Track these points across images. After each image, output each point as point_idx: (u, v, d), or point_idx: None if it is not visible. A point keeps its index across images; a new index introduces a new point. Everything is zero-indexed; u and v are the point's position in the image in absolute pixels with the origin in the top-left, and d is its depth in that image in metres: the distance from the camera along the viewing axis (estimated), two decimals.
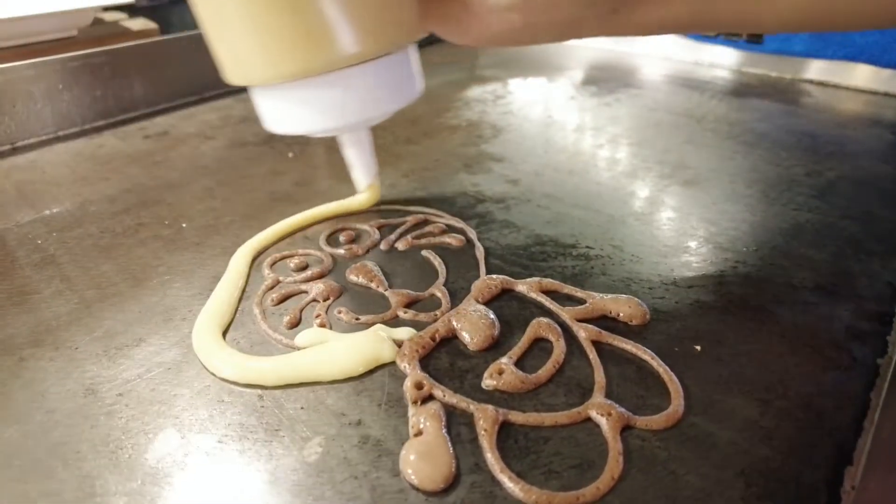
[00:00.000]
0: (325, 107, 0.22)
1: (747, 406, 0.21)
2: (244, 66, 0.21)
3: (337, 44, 0.20)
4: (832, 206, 0.35)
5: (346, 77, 0.21)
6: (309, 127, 0.23)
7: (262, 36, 0.20)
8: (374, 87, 0.22)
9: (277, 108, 0.23)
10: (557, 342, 0.23)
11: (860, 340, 0.24)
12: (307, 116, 0.22)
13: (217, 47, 0.22)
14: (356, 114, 0.23)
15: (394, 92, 0.23)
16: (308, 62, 0.20)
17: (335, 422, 0.21)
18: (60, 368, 0.23)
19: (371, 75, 0.22)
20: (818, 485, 0.19)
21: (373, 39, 0.21)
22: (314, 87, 0.21)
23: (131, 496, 0.18)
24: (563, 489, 0.18)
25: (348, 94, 0.22)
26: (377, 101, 0.23)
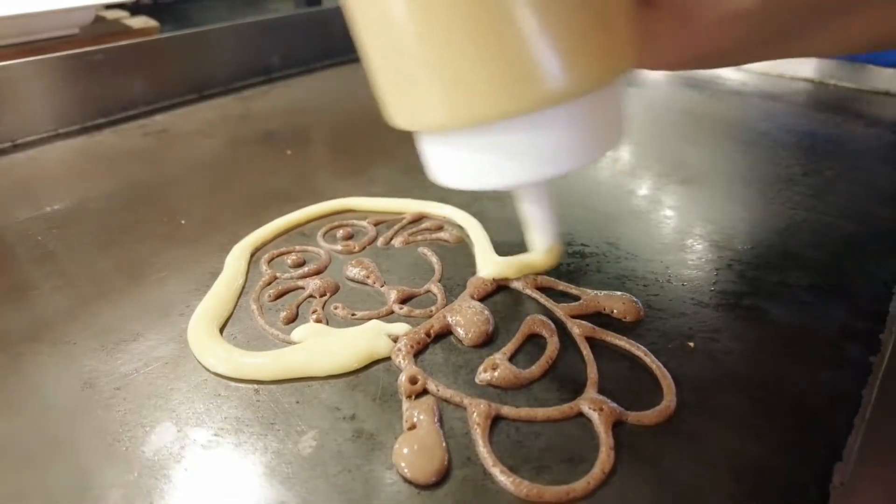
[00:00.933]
0: (521, 156, 0.17)
1: (739, 403, 0.21)
2: (424, 107, 0.16)
3: (548, 78, 0.15)
4: (830, 205, 0.35)
5: (553, 117, 0.16)
6: (498, 180, 0.18)
7: (451, 69, 0.15)
8: (584, 129, 0.17)
9: (457, 157, 0.18)
10: (551, 338, 0.23)
11: (854, 339, 0.24)
12: (497, 167, 0.17)
13: (386, 82, 0.17)
14: (561, 163, 0.17)
15: (604, 134, 0.18)
16: (510, 102, 0.15)
17: (329, 416, 0.21)
18: (58, 363, 0.24)
19: (584, 114, 0.17)
20: (808, 481, 0.19)
21: (594, 69, 0.16)
22: (509, 132, 0.16)
23: (128, 488, 0.19)
24: (554, 483, 0.18)
25: (553, 139, 0.17)
26: (587, 146, 0.17)
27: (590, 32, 0.15)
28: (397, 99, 0.17)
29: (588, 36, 0.15)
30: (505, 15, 0.14)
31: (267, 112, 0.52)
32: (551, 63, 0.15)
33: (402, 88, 0.17)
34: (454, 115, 0.16)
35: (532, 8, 0.14)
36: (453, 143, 0.17)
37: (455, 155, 0.18)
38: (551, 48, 0.15)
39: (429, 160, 0.19)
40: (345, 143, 0.45)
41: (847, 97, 0.55)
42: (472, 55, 0.15)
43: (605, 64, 0.16)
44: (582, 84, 0.16)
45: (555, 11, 0.15)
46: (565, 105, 0.16)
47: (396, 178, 0.39)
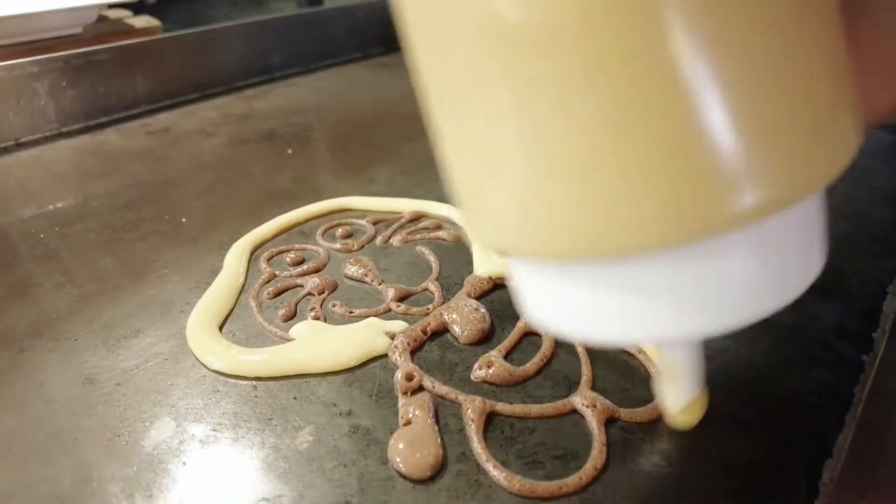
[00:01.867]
0: (679, 301, 0.11)
1: (731, 400, 0.21)
2: (550, 228, 0.11)
3: (740, 191, 0.10)
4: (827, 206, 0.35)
5: (735, 244, 0.11)
6: (653, 332, 0.12)
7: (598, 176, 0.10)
8: (776, 260, 0.12)
9: (581, 298, 0.12)
10: (546, 336, 0.24)
11: (847, 338, 0.25)
12: (643, 315, 0.12)
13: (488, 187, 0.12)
14: (738, 312, 0.12)
15: (800, 263, 0.12)
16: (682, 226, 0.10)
17: (326, 412, 0.21)
18: (60, 359, 0.24)
19: (786, 235, 0.11)
20: (798, 477, 0.19)
21: (803, 175, 0.10)
22: (664, 267, 0.11)
23: (127, 482, 0.19)
24: (547, 478, 0.18)
25: (732, 276, 0.11)
26: (778, 283, 0.12)
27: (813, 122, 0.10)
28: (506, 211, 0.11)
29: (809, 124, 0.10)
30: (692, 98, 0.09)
31: (268, 111, 0.52)
32: (748, 167, 0.10)
33: (516, 197, 0.11)
34: (597, 241, 0.10)
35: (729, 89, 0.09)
36: (577, 279, 0.12)
37: (578, 294, 0.12)
38: (753, 145, 0.10)
39: (535, 296, 0.13)
40: (345, 143, 0.46)
41: None
42: (634, 160, 0.10)
43: (821, 163, 0.11)
44: (787, 193, 0.10)
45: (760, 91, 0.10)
46: (750, 227, 0.10)
47: (396, 177, 0.39)
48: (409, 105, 0.26)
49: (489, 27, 0.10)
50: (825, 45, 0.10)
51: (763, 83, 0.10)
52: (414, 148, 0.44)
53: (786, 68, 0.10)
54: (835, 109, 0.11)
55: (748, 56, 0.09)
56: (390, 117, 0.50)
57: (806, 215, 0.12)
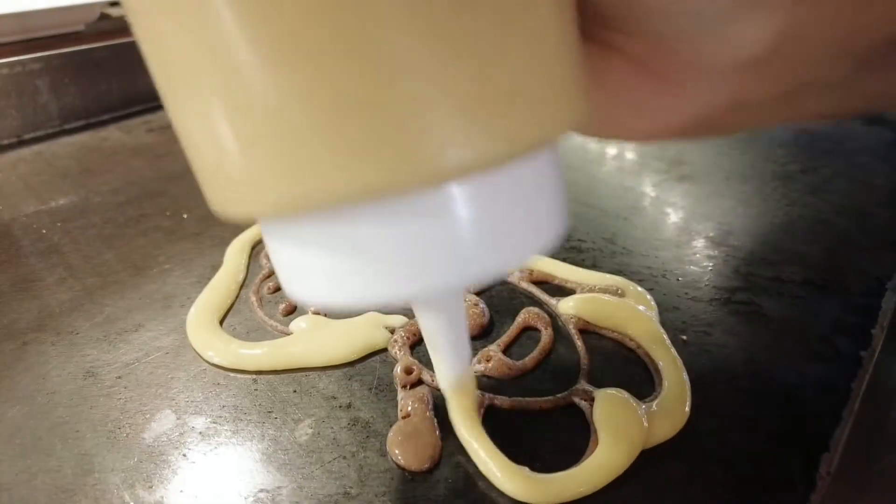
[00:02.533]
0: (395, 259, 0.11)
1: (729, 395, 0.22)
2: (245, 188, 0.11)
3: (433, 143, 0.10)
4: (826, 202, 0.35)
5: (435, 204, 0.11)
6: (369, 294, 0.12)
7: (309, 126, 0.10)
8: (489, 220, 0.11)
9: (311, 262, 0.12)
10: (546, 331, 0.24)
11: (845, 334, 0.25)
12: (362, 276, 0.12)
13: (200, 155, 0.12)
14: (454, 271, 0.12)
15: (524, 226, 0.12)
16: (382, 174, 0.10)
17: (326, 405, 0.21)
18: (62, 352, 0.24)
19: (483, 200, 0.11)
20: (795, 471, 0.19)
21: (513, 131, 0.11)
22: (377, 224, 0.11)
23: (128, 473, 0.19)
24: (545, 471, 0.19)
25: (441, 236, 0.11)
26: (495, 245, 0.12)
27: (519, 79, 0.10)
28: (216, 177, 0.11)
29: (515, 83, 0.10)
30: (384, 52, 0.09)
31: None
32: (461, 121, 0.10)
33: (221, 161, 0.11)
34: (290, 194, 0.10)
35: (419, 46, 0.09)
36: (310, 238, 0.12)
37: (314, 255, 0.12)
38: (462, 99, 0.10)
39: (283, 264, 0.13)
40: None
41: None
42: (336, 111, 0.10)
43: (537, 123, 0.11)
44: (501, 150, 0.10)
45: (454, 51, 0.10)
46: (475, 182, 0.11)
47: None
48: None
49: None
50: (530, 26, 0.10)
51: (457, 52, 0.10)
52: None
53: (484, 38, 0.10)
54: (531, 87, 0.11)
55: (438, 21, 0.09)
56: None
57: (521, 181, 0.12)
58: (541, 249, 0.13)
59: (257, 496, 0.18)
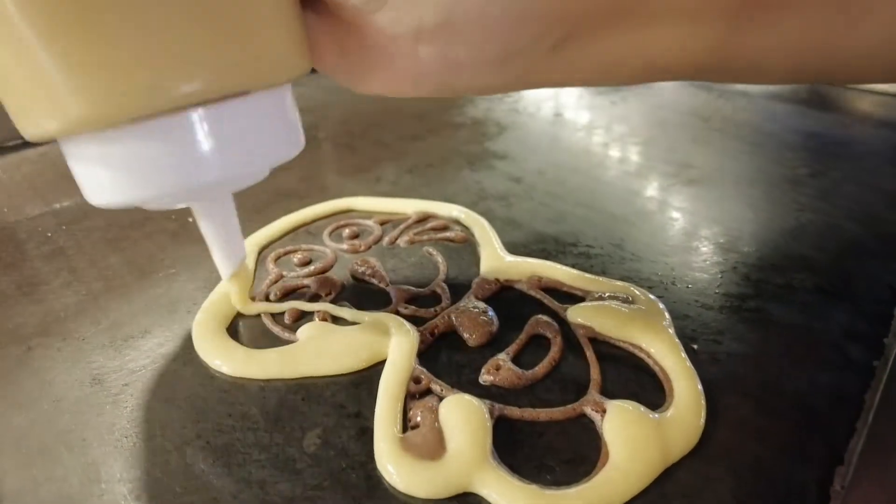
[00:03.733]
0: (149, 169, 0.16)
1: (741, 404, 0.21)
2: (32, 112, 0.15)
3: (163, 76, 0.14)
4: (836, 207, 0.35)
5: (178, 125, 0.15)
6: (129, 195, 0.17)
7: (46, 66, 0.13)
8: (221, 140, 0.16)
9: (88, 171, 0.17)
10: (555, 339, 0.23)
11: (856, 341, 0.24)
12: (126, 181, 0.16)
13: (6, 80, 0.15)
14: (195, 177, 0.16)
15: (254, 147, 0.17)
16: (117, 103, 0.14)
17: (334, 413, 0.21)
18: (68, 358, 0.24)
19: (216, 123, 0.16)
20: (808, 483, 0.19)
21: (222, 72, 0.15)
22: (132, 140, 0.15)
23: (135, 483, 0.19)
24: (556, 483, 0.18)
25: (183, 150, 0.16)
26: (226, 159, 0.16)
27: (222, 30, 0.14)
28: (12, 102, 0.15)
29: (217, 34, 0.14)
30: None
31: None
32: (170, 59, 0.14)
33: (11, 88, 0.15)
34: (58, 118, 0.14)
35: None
36: (81, 154, 0.17)
37: (86, 168, 0.17)
38: (171, 42, 0.14)
39: (74, 175, 0.18)
40: (352, 142, 0.45)
41: (855, 99, 0.54)
42: (69, 44, 0.13)
43: (242, 68, 0.15)
44: (204, 88, 0.15)
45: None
46: (193, 110, 0.15)
47: (403, 176, 0.39)
48: (415, 104, 0.26)
49: None
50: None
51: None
52: (421, 146, 0.44)
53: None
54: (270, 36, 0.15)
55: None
56: (397, 116, 0.50)
57: (246, 112, 0.16)
58: (269, 163, 0.18)
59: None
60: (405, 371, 0.22)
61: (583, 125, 0.48)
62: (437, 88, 0.16)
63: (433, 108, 0.51)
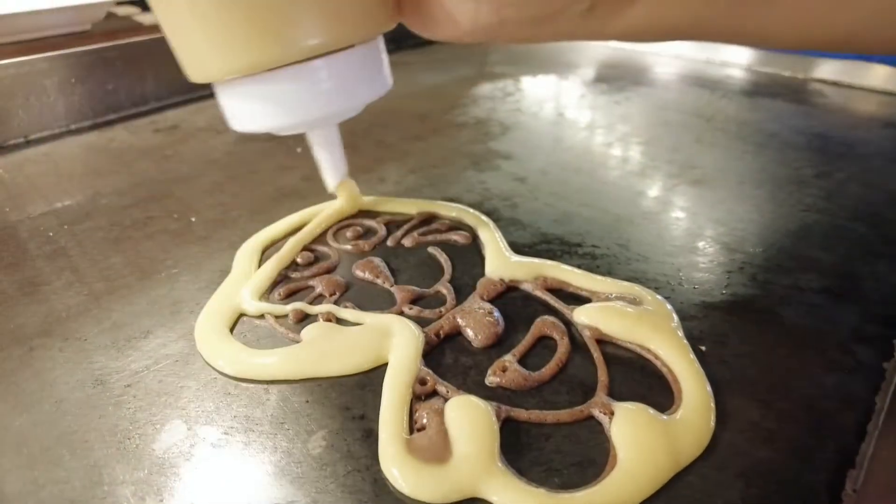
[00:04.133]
0: (284, 103, 0.22)
1: (749, 407, 0.21)
2: (200, 62, 0.21)
3: (294, 36, 0.20)
4: (841, 207, 0.35)
5: (305, 71, 0.21)
6: (267, 123, 0.23)
7: (211, 29, 0.19)
8: (336, 82, 0.22)
9: (238, 105, 0.23)
10: (562, 340, 0.23)
11: (866, 343, 0.24)
12: (266, 112, 0.22)
13: (174, 44, 0.21)
14: (317, 110, 0.22)
15: (359, 87, 0.23)
16: (262, 55, 0.20)
17: (339, 416, 0.21)
18: (69, 359, 0.24)
19: (332, 69, 0.22)
20: (819, 487, 0.19)
21: (335, 31, 0.20)
22: (272, 82, 0.21)
23: (138, 485, 0.19)
24: (564, 487, 0.18)
25: (309, 89, 0.22)
26: (339, 96, 0.22)
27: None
28: (183, 57, 0.21)
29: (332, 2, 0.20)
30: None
31: None
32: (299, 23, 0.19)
33: (184, 47, 0.21)
34: (224, 67, 0.21)
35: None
36: (237, 93, 0.22)
37: (238, 103, 0.23)
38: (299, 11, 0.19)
39: (222, 108, 0.24)
40: (355, 141, 0.45)
41: (860, 98, 0.54)
42: (230, 15, 0.19)
43: (351, 26, 0.21)
44: (327, 42, 0.20)
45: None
46: (320, 59, 0.21)
47: (406, 176, 0.39)
48: (418, 104, 0.26)
49: None
50: None
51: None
52: (424, 147, 0.44)
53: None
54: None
55: None
56: (400, 116, 0.49)
57: (361, 56, 0.22)
58: (369, 99, 0.24)
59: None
60: (410, 372, 0.22)
61: (585, 125, 0.48)
62: (488, 35, 0.20)
63: (436, 108, 0.51)
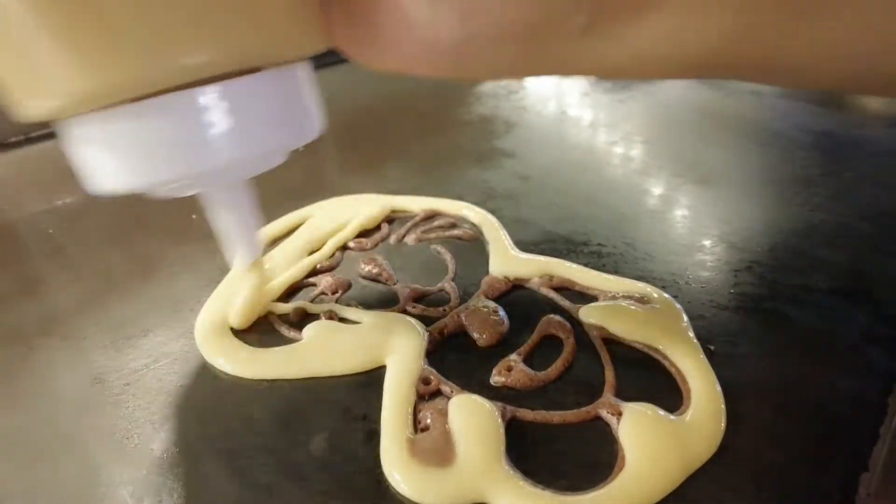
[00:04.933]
0: (159, 148, 0.14)
1: (759, 409, 0.21)
2: (35, 87, 0.13)
3: (172, 48, 0.12)
4: (849, 207, 0.34)
5: (186, 101, 0.14)
6: (132, 180, 0.15)
7: (51, 36, 0.12)
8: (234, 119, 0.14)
9: (90, 154, 0.15)
10: (568, 340, 0.23)
11: (877, 345, 0.24)
12: (130, 164, 0.15)
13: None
14: (209, 158, 0.14)
15: (268, 128, 0.15)
16: (123, 75, 0.12)
17: (341, 416, 0.20)
18: (68, 357, 0.23)
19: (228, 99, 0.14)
20: (832, 491, 0.18)
21: (232, 44, 0.13)
22: (139, 118, 0.14)
23: (137, 485, 0.18)
24: (571, 489, 0.18)
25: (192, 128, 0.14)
26: (240, 139, 0.15)
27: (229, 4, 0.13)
28: (11, 78, 0.14)
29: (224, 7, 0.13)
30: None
31: None
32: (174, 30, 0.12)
33: (13, 63, 0.13)
34: (58, 93, 0.13)
35: None
36: (83, 135, 0.15)
37: (86, 150, 0.15)
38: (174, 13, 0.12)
39: (71, 159, 0.16)
40: (357, 139, 0.45)
41: (867, 97, 0.54)
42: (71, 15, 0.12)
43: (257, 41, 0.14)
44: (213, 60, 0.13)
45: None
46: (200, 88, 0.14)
47: (408, 174, 0.38)
48: (421, 102, 0.25)
49: None
50: None
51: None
52: (426, 144, 0.43)
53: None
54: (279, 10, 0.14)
55: None
56: (403, 114, 0.49)
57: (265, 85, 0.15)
58: (285, 145, 0.16)
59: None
60: (413, 372, 0.21)
61: (589, 123, 0.48)
62: (454, 66, 0.14)
63: (439, 105, 0.51)
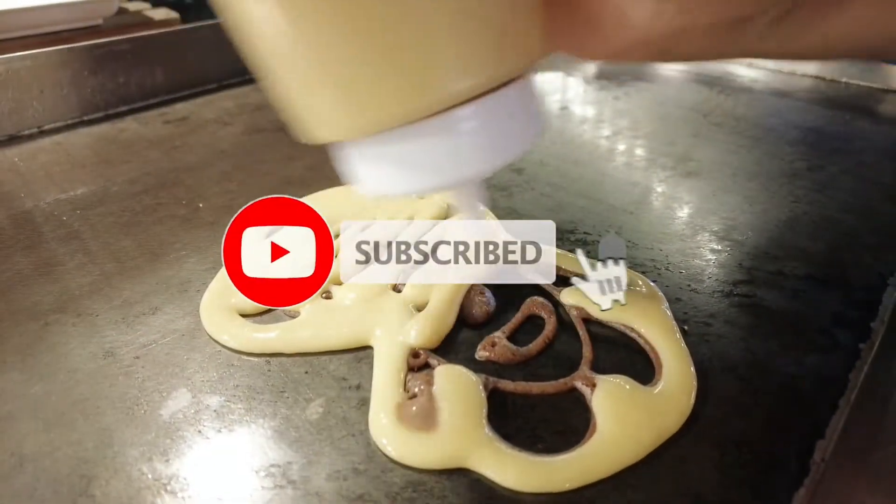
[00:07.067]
0: (428, 160, 0.17)
1: (727, 383, 0.22)
2: (322, 120, 0.16)
3: (439, 79, 0.15)
4: (832, 199, 0.36)
5: (452, 120, 0.16)
6: (405, 187, 0.17)
7: (337, 79, 0.15)
8: (490, 130, 0.16)
9: (368, 169, 0.18)
10: (549, 319, 0.24)
11: (845, 327, 0.25)
12: (404, 175, 0.17)
13: (289, 100, 0.16)
14: (471, 165, 0.17)
15: (515, 132, 0.17)
16: (402, 107, 0.15)
17: (336, 385, 0.22)
18: (82, 333, 0.25)
19: (486, 114, 0.16)
20: (789, 456, 0.20)
21: (489, 68, 0.15)
22: (410, 139, 0.16)
23: (145, 447, 0.20)
24: (547, 452, 0.19)
25: (457, 141, 0.16)
26: (495, 146, 0.17)
27: (487, 31, 0.14)
28: (300, 112, 0.16)
29: (484, 34, 0.14)
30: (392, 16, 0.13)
31: None
32: (445, 63, 0.14)
33: (303, 101, 0.16)
34: (353, 123, 0.15)
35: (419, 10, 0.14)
36: (369, 153, 0.17)
37: (372, 164, 0.17)
38: (445, 48, 0.14)
39: (352, 171, 0.18)
40: None
41: (858, 94, 0.55)
42: (356, 59, 0.14)
43: (506, 60, 0.15)
44: (479, 83, 0.15)
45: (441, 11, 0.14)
46: (469, 105, 0.15)
47: None
48: None
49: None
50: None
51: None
52: None
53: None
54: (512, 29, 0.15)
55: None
56: None
57: (516, 94, 0.16)
58: (523, 151, 0.17)
59: (269, 470, 0.19)
60: (402, 345, 0.23)
61: (586, 118, 0.49)
62: (662, 53, 0.15)
63: None
